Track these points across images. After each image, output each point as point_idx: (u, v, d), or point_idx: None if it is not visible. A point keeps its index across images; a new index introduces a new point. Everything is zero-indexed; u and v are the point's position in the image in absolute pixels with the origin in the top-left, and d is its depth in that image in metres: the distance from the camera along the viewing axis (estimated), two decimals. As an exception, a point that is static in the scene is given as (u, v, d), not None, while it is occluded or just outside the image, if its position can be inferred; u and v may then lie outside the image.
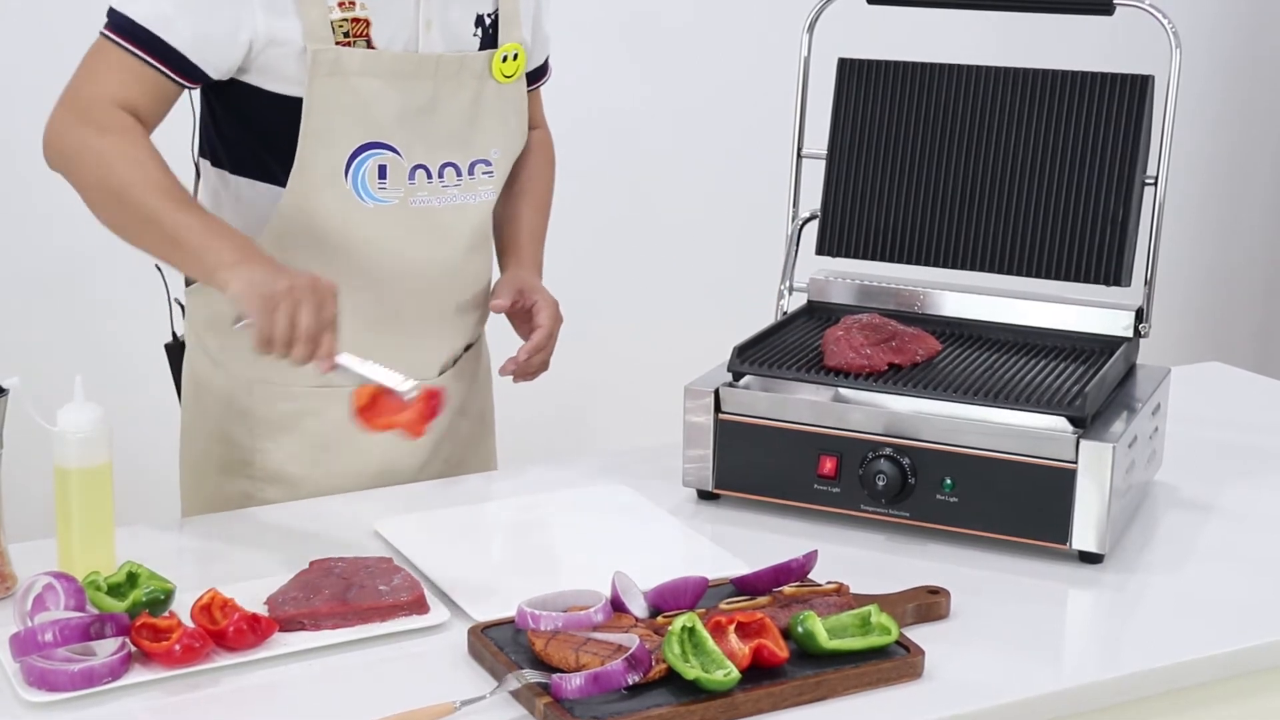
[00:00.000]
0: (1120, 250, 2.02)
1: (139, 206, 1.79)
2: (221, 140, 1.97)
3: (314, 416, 2.01)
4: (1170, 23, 1.99)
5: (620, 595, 1.58)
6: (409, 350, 2.02)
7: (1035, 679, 1.55)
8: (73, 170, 1.83)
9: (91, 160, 1.81)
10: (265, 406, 2.00)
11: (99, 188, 1.82)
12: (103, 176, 1.81)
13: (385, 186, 1.94)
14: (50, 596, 1.55)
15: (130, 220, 1.81)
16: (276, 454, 2.02)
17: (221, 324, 1.96)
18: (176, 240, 1.78)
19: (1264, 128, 4.51)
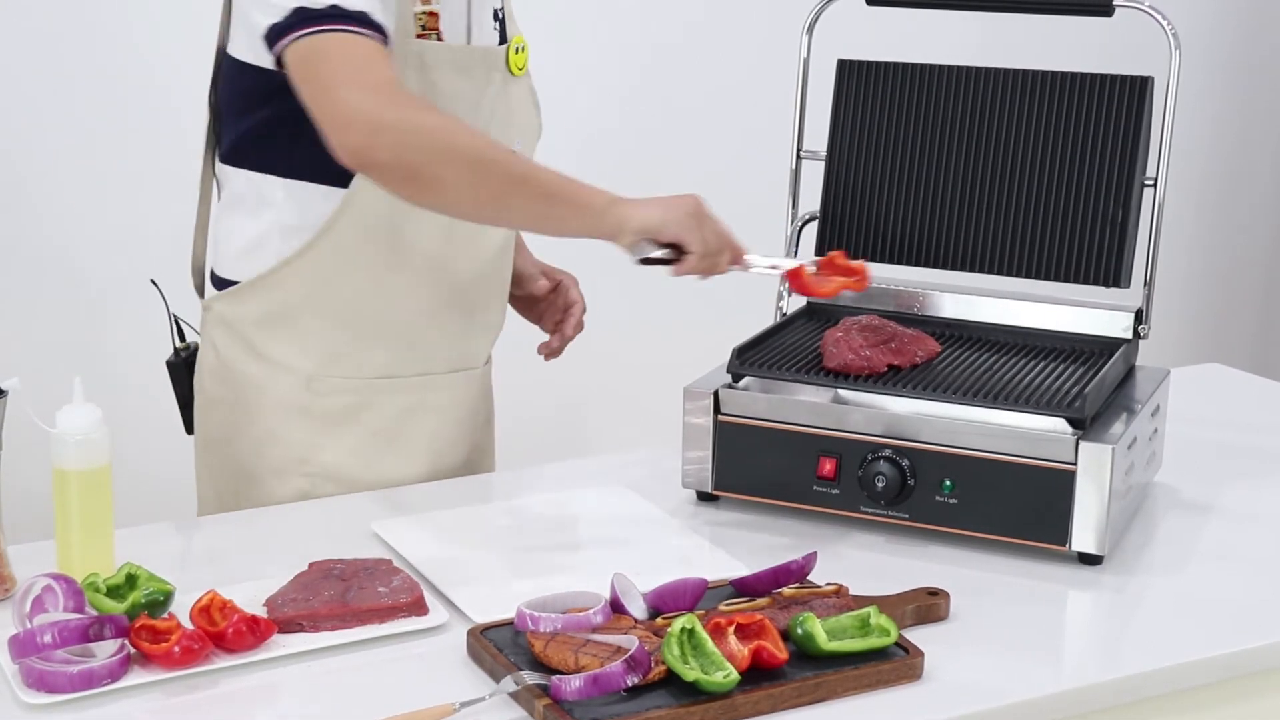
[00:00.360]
0: (1119, 251, 2.02)
1: (506, 169, 1.75)
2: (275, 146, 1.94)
3: (371, 410, 2.01)
4: (1169, 24, 1.99)
5: (619, 597, 1.58)
6: (460, 341, 2.05)
7: (1035, 680, 1.55)
8: (412, 151, 1.73)
9: (436, 136, 1.73)
10: (325, 401, 1.99)
11: (452, 161, 1.73)
12: (453, 149, 1.73)
13: None
14: (49, 598, 1.55)
15: (497, 185, 1.75)
16: (335, 450, 2.00)
17: (280, 321, 1.96)
18: (551, 194, 1.76)
19: (1263, 129, 4.51)
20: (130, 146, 3.17)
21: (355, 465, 2.01)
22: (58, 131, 3.11)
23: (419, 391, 2.03)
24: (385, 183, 1.76)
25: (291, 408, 1.99)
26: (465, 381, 2.08)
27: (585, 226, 1.78)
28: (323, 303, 1.96)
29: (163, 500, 2.78)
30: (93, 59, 3.10)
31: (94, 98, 3.12)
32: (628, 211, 1.77)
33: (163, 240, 3.22)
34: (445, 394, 2.05)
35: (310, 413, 1.99)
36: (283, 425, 2.00)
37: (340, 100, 1.73)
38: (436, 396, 2.04)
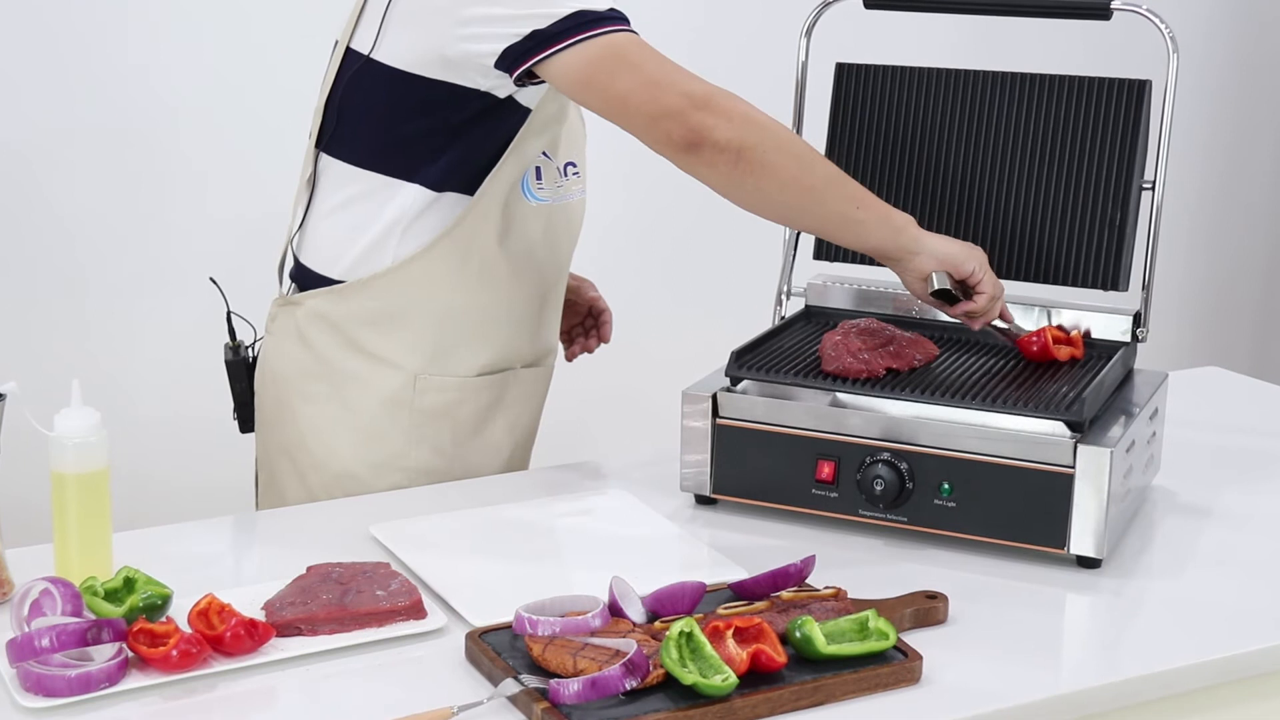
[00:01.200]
0: (1118, 255, 2.02)
1: (826, 168, 1.87)
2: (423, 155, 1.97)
3: (463, 406, 2.04)
4: (1167, 27, 1.99)
5: (618, 600, 1.58)
6: (540, 337, 2.11)
7: (1033, 684, 1.55)
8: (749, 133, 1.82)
9: (768, 125, 1.83)
10: (426, 398, 2.02)
11: (782, 150, 1.84)
12: (783, 139, 1.84)
13: (542, 186, 2.01)
14: (47, 602, 1.55)
15: (818, 181, 1.86)
16: (431, 444, 2.04)
17: (387, 319, 1.99)
18: (861, 200, 1.88)
19: (1261, 132, 4.51)
20: (130, 149, 3.17)
21: (445, 460, 2.05)
22: (57, 133, 3.11)
23: (503, 387, 2.08)
24: (714, 163, 1.83)
25: (396, 404, 2.02)
26: (540, 376, 2.14)
27: (884, 240, 1.88)
28: (433, 303, 2.00)
29: (162, 503, 2.78)
30: (92, 60, 3.10)
31: (94, 100, 3.12)
32: (927, 238, 1.89)
33: (162, 244, 3.23)
34: (523, 388, 2.11)
35: (412, 409, 2.02)
36: (386, 421, 2.03)
37: (670, 90, 1.82)
38: (512, 392, 2.09)
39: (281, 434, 2.09)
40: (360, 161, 2.00)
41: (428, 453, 2.05)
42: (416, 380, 2.02)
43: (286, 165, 2.52)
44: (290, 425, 2.08)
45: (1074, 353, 2.01)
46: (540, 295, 2.09)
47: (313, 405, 2.05)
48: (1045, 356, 1.99)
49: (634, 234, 3.73)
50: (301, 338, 2.05)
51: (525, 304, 2.07)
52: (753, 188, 1.85)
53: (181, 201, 3.24)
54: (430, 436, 2.04)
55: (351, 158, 2.01)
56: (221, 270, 2.23)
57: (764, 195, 1.86)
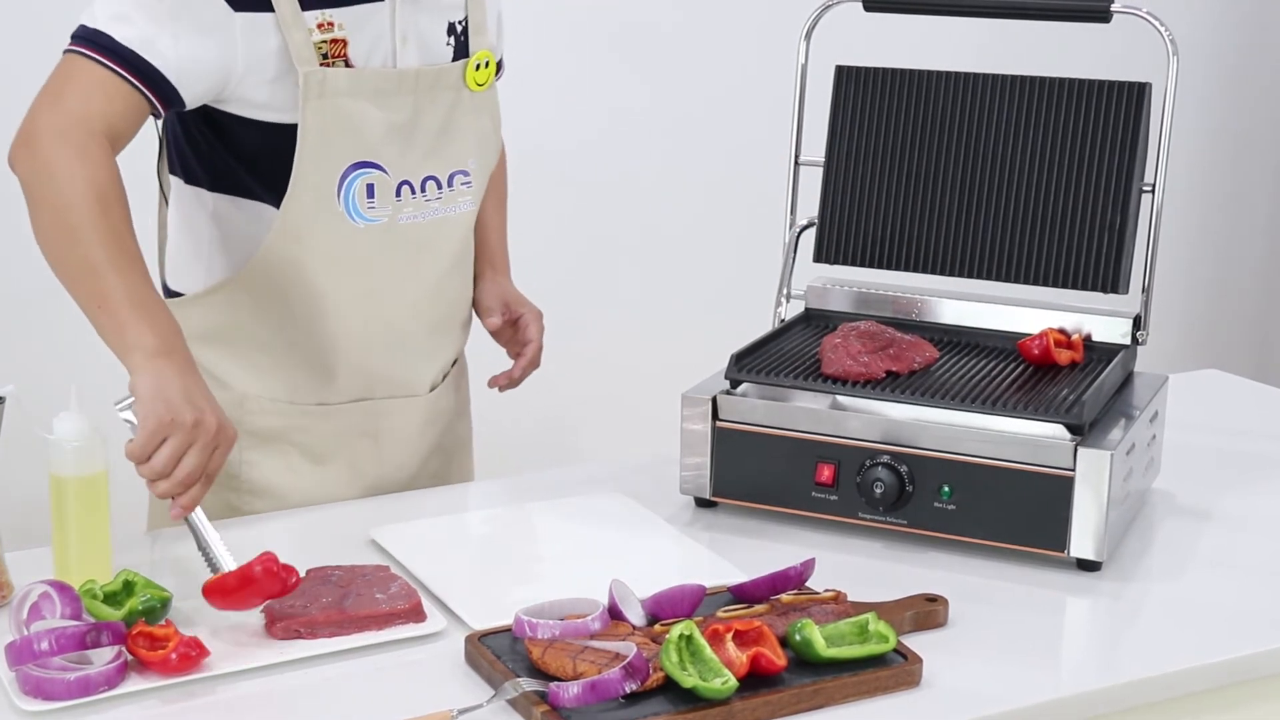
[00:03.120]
0: (1118, 257, 2.02)
1: (86, 252, 1.73)
2: (198, 160, 1.95)
3: (305, 432, 2.00)
4: (1167, 30, 1.99)
5: (618, 603, 1.58)
6: (401, 368, 2.02)
7: (1033, 687, 1.55)
8: (37, 184, 1.77)
9: (61, 183, 1.74)
10: (256, 420, 1.98)
11: (54, 213, 1.76)
12: (63, 205, 1.74)
13: (374, 205, 1.92)
14: (46, 605, 1.55)
15: (70, 260, 1.75)
16: (264, 467, 1.99)
17: (217, 338, 1.96)
18: (105, 300, 1.73)
19: (1262, 134, 4.51)
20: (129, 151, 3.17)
21: (284, 484, 2.00)
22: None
23: (351, 416, 2.01)
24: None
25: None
26: (405, 408, 2.04)
27: (114, 349, 1.75)
28: (252, 327, 1.95)
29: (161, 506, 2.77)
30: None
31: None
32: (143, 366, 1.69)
33: (161, 247, 3.23)
34: (382, 420, 2.03)
35: (241, 429, 1.96)
36: None
37: (33, 114, 1.81)
38: (372, 422, 2.02)
39: None
40: (176, 171, 1.99)
41: (260, 475, 1.99)
42: (244, 401, 1.97)
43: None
44: None
45: (1074, 356, 2.01)
46: (384, 326, 1.98)
47: None
48: (1046, 359, 1.99)
49: (634, 237, 3.73)
50: None
51: (362, 334, 1.96)
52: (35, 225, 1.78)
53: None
54: (263, 459, 1.99)
55: (174, 169, 2.00)
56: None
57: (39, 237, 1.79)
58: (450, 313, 2.07)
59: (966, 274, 2.08)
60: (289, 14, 1.83)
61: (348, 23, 1.87)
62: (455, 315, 2.09)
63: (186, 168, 1.97)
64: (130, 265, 1.75)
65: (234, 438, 1.72)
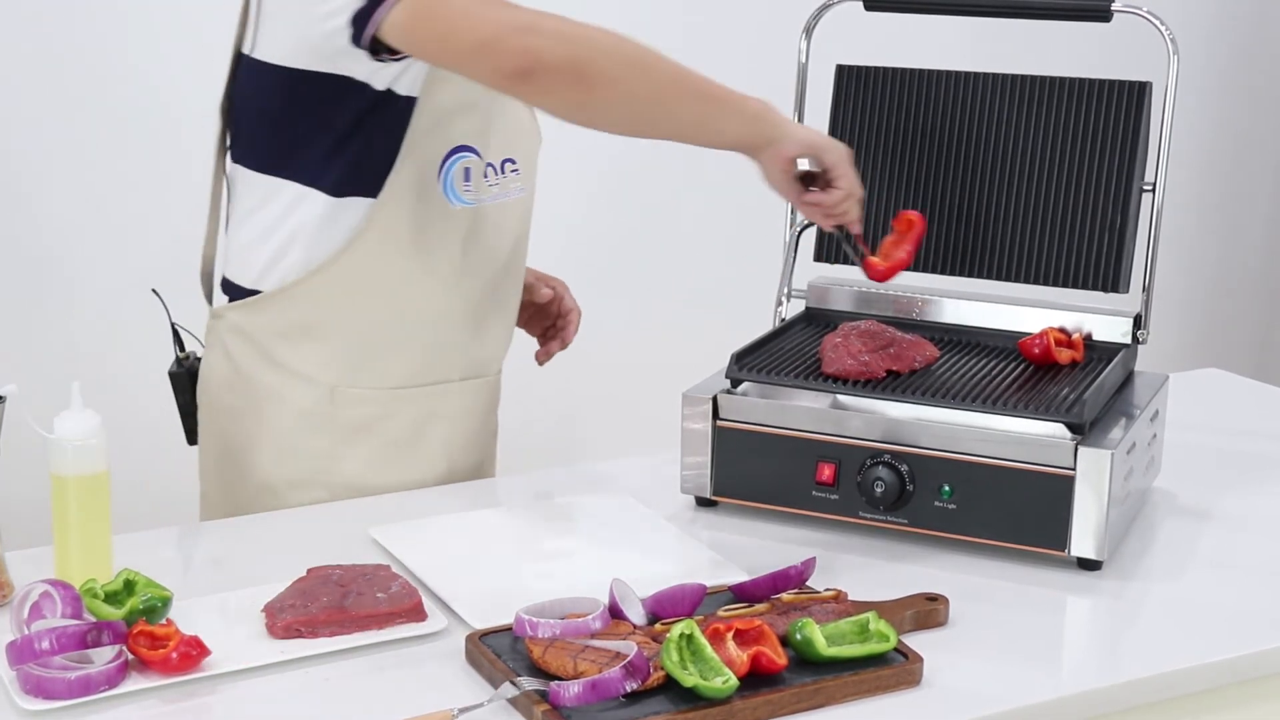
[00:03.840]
0: (1118, 256, 2.02)
1: (666, 67, 1.78)
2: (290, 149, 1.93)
3: (390, 419, 2.00)
4: (1168, 29, 1.99)
5: (618, 602, 1.58)
6: (475, 349, 2.05)
7: (1034, 686, 1.55)
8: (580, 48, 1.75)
9: (596, 36, 1.75)
10: (346, 412, 1.98)
11: (618, 59, 1.76)
12: (616, 47, 1.76)
13: (468, 188, 1.95)
14: (47, 604, 1.55)
15: (662, 83, 1.78)
16: (354, 460, 2.00)
17: (302, 332, 1.95)
18: (710, 95, 1.79)
19: (1262, 133, 4.51)
20: (130, 151, 3.17)
21: (371, 474, 2.00)
22: (57, 136, 3.11)
23: (434, 400, 2.02)
24: (552, 87, 1.75)
25: (313, 418, 1.98)
26: (478, 389, 2.08)
27: (743, 132, 1.80)
28: (347, 315, 1.96)
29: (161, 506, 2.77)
30: (90, 62, 3.10)
31: (93, 102, 3.12)
32: (787, 123, 1.80)
33: (162, 247, 3.23)
34: (458, 401, 2.05)
35: (332, 423, 1.98)
36: (303, 436, 1.98)
37: (489, 20, 1.74)
38: (450, 404, 2.04)
39: (211, 447, 2.07)
40: (259, 166, 1.95)
41: (351, 468, 2.00)
42: (334, 394, 1.97)
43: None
44: (217, 438, 2.06)
45: (1075, 355, 2.01)
46: (472, 304, 2.02)
47: (234, 419, 2.02)
48: (1046, 359, 1.99)
49: (634, 236, 3.73)
50: (225, 351, 2.02)
51: (452, 314, 2.00)
52: (598, 106, 1.77)
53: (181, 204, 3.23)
54: (353, 452, 2.00)
55: (252, 163, 1.97)
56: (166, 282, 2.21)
57: (610, 112, 1.78)
58: (512, 294, 2.10)
59: (967, 273, 2.08)
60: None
61: None
62: (515, 297, 2.12)
63: (289, 165, 1.94)
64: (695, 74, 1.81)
65: None
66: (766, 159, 1.86)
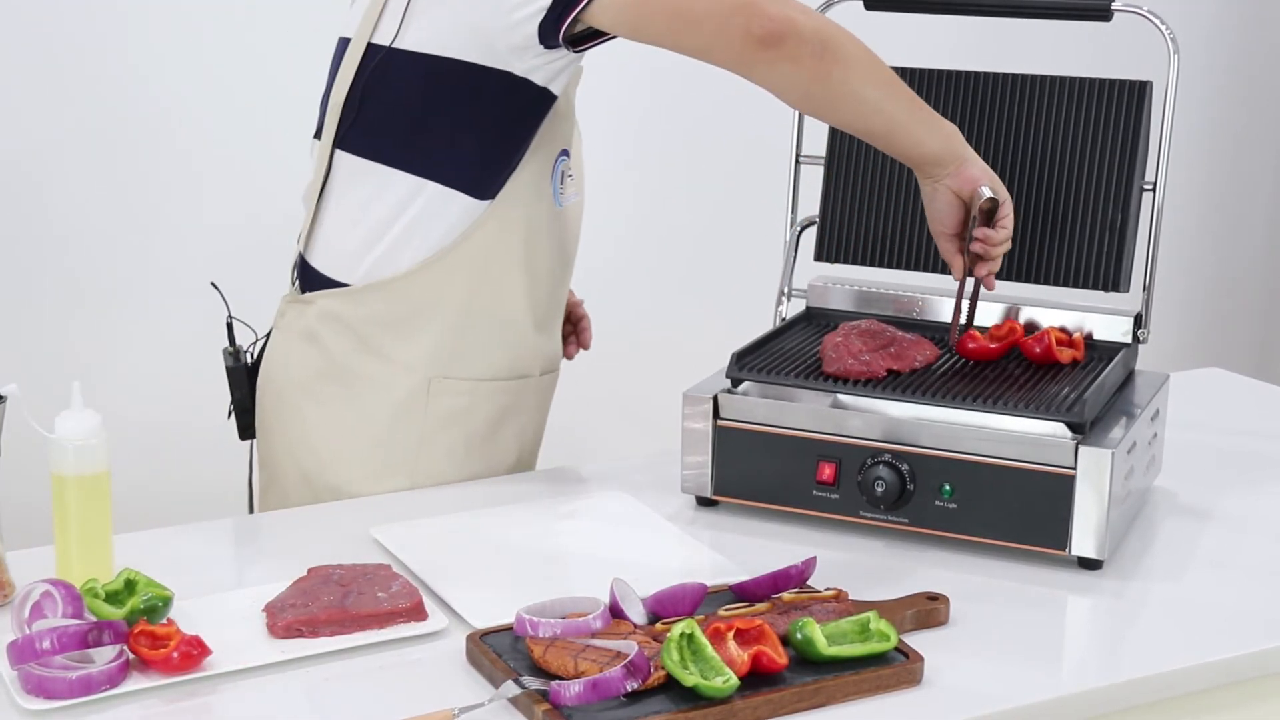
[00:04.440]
0: (1119, 256, 2.02)
1: (888, 68, 1.83)
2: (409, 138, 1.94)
3: (475, 412, 2.03)
4: (1168, 28, 1.99)
5: (619, 602, 1.58)
6: (550, 343, 2.10)
7: (1034, 685, 1.55)
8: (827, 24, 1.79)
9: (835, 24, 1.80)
10: (439, 401, 2.01)
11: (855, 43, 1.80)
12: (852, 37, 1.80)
13: (562, 190, 2.02)
14: (48, 604, 1.55)
15: (886, 75, 1.82)
16: (439, 450, 2.03)
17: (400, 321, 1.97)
18: (919, 102, 1.84)
19: (1263, 132, 4.51)
20: (130, 151, 3.17)
21: (452, 466, 2.04)
22: (57, 137, 3.11)
23: (515, 394, 2.07)
24: (797, 56, 1.76)
25: (409, 408, 2.01)
26: (550, 383, 2.14)
27: (940, 147, 1.85)
28: (451, 308, 1.99)
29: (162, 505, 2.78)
30: (91, 62, 3.10)
31: (93, 102, 3.12)
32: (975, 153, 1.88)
33: (163, 246, 3.23)
34: (535, 395, 2.10)
35: (425, 414, 2.01)
36: (398, 425, 2.01)
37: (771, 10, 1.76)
38: (527, 398, 2.08)
39: (285, 435, 2.07)
40: (379, 157, 1.96)
41: (438, 458, 2.03)
42: (430, 384, 2.00)
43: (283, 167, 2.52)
44: (295, 426, 2.06)
45: (1075, 354, 2.01)
46: (553, 300, 2.08)
47: (322, 406, 2.03)
48: (1047, 358, 1.99)
49: (634, 235, 3.73)
50: (312, 337, 2.02)
51: (538, 309, 2.05)
52: (838, 81, 1.79)
53: (180, 205, 3.24)
54: (442, 442, 2.03)
55: (371, 153, 1.97)
56: (220, 274, 2.22)
57: (840, 91, 1.80)
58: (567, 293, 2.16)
59: (967, 272, 2.08)
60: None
61: None
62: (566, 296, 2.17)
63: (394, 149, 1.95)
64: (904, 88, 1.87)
65: None
66: (949, 179, 1.88)
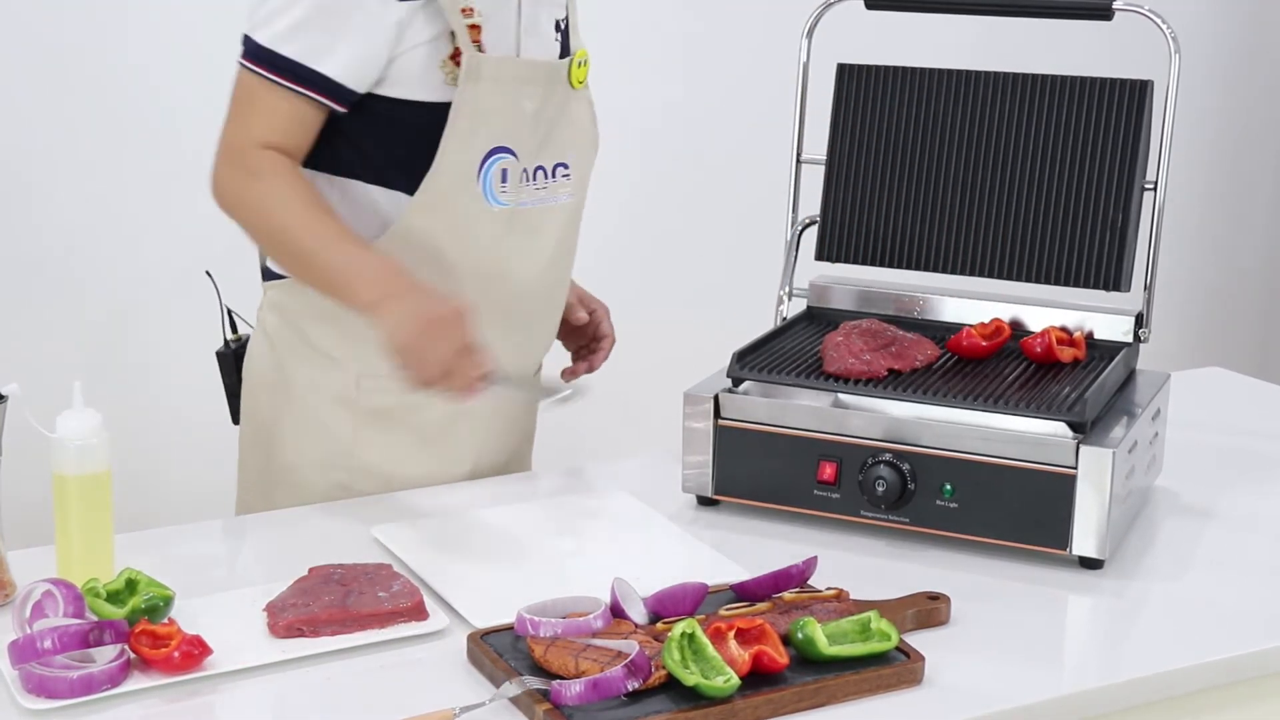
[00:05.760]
0: (1120, 255, 2.02)
1: (297, 250, 1.89)
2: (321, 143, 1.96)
3: (415, 411, 2.02)
4: (1169, 27, 1.99)
5: (620, 601, 1.58)
6: (510, 350, 2.05)
7: (1035, 685, 1.55)
8: (240, 220, 1.92)
9: (253, 208, 1.90)
10: (371, 399, 2.01)
11: (263, 235, 1.92)
12: (263, 224, 1.90)
13: (506, 189, 1.97)
14: (49, 603, 1.55)
15: (293, 263, 1.92)
16: (376, 446, 2.03)
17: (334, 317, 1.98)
18: (330, 281, 1.87)
19: (1264, 132, 4.51)
20: (131, 151, 3.17)
21: (394, 463, 2.03)
22: (58, 136, 3.11)
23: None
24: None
25: (340, 401, 2.01)
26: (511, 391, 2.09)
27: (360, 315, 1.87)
28: None
29: (163, 505, 2.78)
30: (91, 62, 3.10)
31: (93, 102, 3.12)
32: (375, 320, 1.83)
33: (163, 246, 3.23)
34: (489, 402, 2.05)
35: (357, 408, 2.01)
36: (331, 418, 2.02)
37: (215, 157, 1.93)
38: (480, 404, 2.04)
39: (248, 425, 2.11)
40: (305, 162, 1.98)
41: (375, 454, 2.02)
42: (360, 380, 2.01)
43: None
44: (253, 416, 2.10)
45: (1076, 354, 2.00)
46: (505, 304, 2.02)
47: (272, 395, 2.06)
48: (1048, 357, 1.99)
49: (636, 235, 3.73)
50: (263, 327, 2.07)
51: (484, 312, 1.98)
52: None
53: (181, 205, 3.23)
54: (378, 440, 2.02)
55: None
56: (220, 273, 2.22)
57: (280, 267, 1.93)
58: (551, 301, 2.12)
59: (968, 272, 2.08)
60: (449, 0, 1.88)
61: (483, 10, 1.92)
62: (555, 303, 2.13)
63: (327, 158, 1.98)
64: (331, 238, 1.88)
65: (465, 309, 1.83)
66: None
